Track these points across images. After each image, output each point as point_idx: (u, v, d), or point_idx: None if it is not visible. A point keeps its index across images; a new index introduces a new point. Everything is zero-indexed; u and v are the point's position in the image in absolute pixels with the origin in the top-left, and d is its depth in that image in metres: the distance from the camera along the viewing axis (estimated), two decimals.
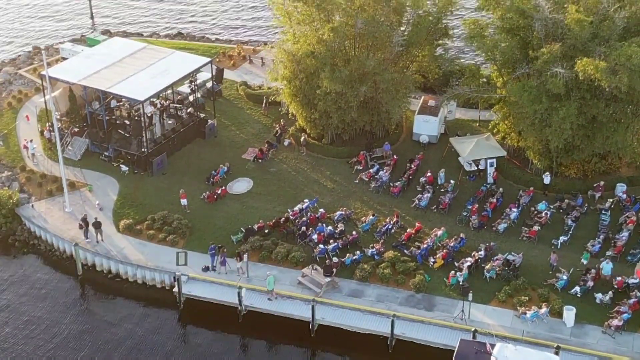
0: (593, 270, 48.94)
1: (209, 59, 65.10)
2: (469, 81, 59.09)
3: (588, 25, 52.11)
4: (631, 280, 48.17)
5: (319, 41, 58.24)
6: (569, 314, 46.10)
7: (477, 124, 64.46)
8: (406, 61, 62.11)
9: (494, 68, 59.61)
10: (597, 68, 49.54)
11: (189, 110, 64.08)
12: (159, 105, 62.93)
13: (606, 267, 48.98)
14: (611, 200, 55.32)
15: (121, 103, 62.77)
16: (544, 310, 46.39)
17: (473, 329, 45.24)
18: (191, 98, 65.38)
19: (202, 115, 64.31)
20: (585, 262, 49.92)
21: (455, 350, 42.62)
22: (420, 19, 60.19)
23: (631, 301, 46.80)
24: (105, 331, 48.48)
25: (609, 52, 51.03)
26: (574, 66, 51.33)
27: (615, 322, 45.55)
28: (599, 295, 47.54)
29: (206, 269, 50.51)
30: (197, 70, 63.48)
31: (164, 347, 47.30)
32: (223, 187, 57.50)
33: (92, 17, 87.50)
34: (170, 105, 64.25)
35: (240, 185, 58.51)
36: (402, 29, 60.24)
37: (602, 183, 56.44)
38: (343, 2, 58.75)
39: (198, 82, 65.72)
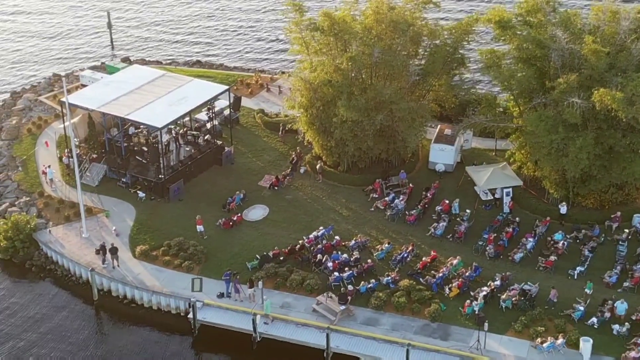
0: (610, 302, 48.61)
1: (226, 87, 65.61)
2: (485, 110, 59.29)
3: (605, 56, 52.32)
4: None
5: (336, 70, 58.67)
6: (586, 345, 45.71)
7: (494, 154, 64.36)
8: (422, 90, 62.38)
9: (510, 98, 59.77)
10: (614, 99, 49.59)
11: (206, 137, 64.51)
12: (173, 133, 63.37)
13: (620, 307, 48.30)
14: (628, 230, 55.07)
15: (139, 130, 63.33)
16: (560, 341, 46.08)
17: None
18: (209, 125, 65.83)
19: (219, 142, 64.71)
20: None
21: None
22: (437, 48, 60.68)
23: None
24: (119, 357, 48.55)
25: (625, 82, 51.07)
26: (591, 96, 51.39)
27: (633, 354, 45.14)
28: (616, 327, 47.18)
29: (221, 295, 50.60)
30: (215, 98, 64.01)
31: None
32: (239, 214, 57.69)
33: (111, 45, 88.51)
34: (188, 132, 64.74)
35: (256, 213, 58.68)
36: (418, 58, 60.63)
37: (619, 213, 56.19)
38: (360, 32, 59.17)
39: (216, 109, 66.24)
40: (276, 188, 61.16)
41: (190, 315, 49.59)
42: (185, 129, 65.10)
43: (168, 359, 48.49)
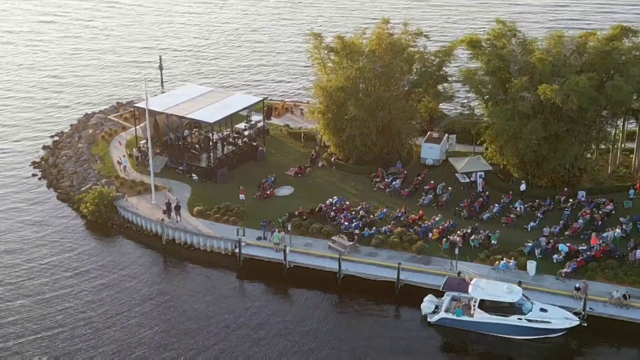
0: (552, 242, 64.48)
1: (262, 98, 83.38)
2: (464, 114, 76.23)
3: (549, 63, 69.41)
4: (581, 248, 63.69)
5: (346, 79, 76.10)
6: (531, 265, 61.52)
7: (473, 155, 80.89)
8: (414, 100, 79.67)
9: (481, 101, 76.70)
10: (552, 90, 66.50)
11: (244, 140, 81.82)
12: (220, 135, 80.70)
13: (562, 247, 64.20)
14: (572, 200, 71.18)
15: (193, 132, 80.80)
16: (512, 262, 61.89)
17: (458, 271, 60.77)
18: (246, 133, 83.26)
19: (254, 143, 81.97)
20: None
21: (443, 283, 58.59)
22: (425, 68, 78.16)
23: (579, 259, 62.20)
24: (182, 281, 64.45)
25: (563, 81, 68.03)
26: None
27: (565, 270, 60.87)
28: (555, 256, 62.99)
29: (259, 238, 66.80)
30: (252, 106, 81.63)
31: (224, 294, 62.65)
32: (271, 189, 74.43)
33: (161, 82, 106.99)
34: (230, 135, 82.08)
35: (284, 190, 75.41)
36: (411, 74, 78.08)
37: (566, 189, 72.42)
38: (366, 52, 76.84)
39: (251, 122, 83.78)
40: (299, 175, 77.98)
41: (237, 251, 65.64)
42: (228, 133, 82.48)
43: (219, 286, 64.03)
